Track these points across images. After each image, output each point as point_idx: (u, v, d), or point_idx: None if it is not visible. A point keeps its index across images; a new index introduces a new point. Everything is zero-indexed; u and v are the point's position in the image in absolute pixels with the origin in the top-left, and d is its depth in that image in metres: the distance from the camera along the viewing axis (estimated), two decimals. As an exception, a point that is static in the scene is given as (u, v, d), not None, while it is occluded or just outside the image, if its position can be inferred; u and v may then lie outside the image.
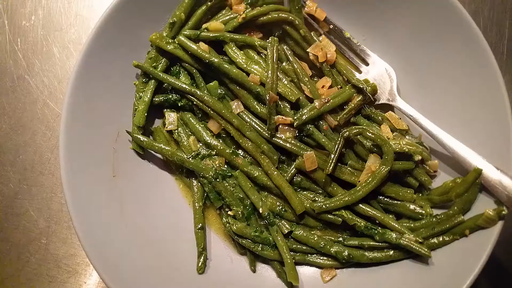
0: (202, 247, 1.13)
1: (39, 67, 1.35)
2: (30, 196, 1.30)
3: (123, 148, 1.15)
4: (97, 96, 1.10)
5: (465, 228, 1.02)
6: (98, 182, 1.08)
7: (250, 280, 1.13)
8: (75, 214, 1.01)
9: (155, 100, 1.15)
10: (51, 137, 1.31)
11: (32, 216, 1.29)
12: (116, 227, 1.08)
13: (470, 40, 1.07)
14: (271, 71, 1.09)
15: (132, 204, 1.12)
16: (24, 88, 1.34)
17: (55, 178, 1.30)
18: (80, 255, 1.27)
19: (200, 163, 1.13)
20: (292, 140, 1.11)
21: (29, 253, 1.27)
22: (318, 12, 1.18)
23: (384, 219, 1.08)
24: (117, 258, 1.04)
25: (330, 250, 1.10)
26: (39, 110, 1.33)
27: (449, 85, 1.13)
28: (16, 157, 1.31)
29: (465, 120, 1.09)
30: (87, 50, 1.07)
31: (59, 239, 1.27)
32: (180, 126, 1.17)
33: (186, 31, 1.13)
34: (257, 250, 1.11)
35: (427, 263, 1.06)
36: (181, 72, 1.17)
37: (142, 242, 1.10)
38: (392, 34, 1.19)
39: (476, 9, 1.33)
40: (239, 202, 1.13)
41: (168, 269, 1.09)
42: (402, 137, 1.13)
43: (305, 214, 1.14)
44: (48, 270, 1.26)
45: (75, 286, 1.25)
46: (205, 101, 1.12)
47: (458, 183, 1.05)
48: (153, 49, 1.15)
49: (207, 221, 1.18)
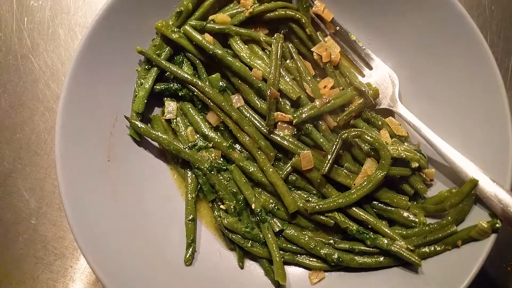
0: (192, 239, 1.12)
1: (43, 47, 1.35)
2: (23, 175, 1.29)
3: (120, 134, 1.14)
4: (98, 80, 1.10)
5: (457, 238, 1.01)
6: (92, 165, 1.07)
7: (237, 276, 1.12)
8: (65, 193, 1.00)
9: (156, 88, 1.15)
10: (50, 118, 1.31)
11: (24, 196, 1.28)
12: (107, 211, 1.07)
13: (476, 52, 1.07)
14: (274, 67, 1.09)
15: (124, 190, 1.11)
16: (27, 68, 1.34)
17: (50, 159, 1.29)
18: (69, 238, 1.26)
19: (196, 154, 1.12)
20: (290, 138, 1.11)
21: (17, 232, 1.26)
22: (325, 13, 1.18)
23: (377, 224, 1.07)
24: (105, 242, 1.03)
25: (320, 251, 1.09)
26: (40, 90, 1.33)
27: (451, 95, 1.12)
28: (12, 135, 1.31)
29: (465, 130, 1.09)
30: (92, 32, 1.06)
31: (49, 221, 1.26)
32: (179, 116, 1.17)
33: (192, 21, 1.13)
34: (247, 246, 1.10)
35: (417, 272, 1.05)
36: (184, 62, 1.16)
37: (131, 228, 1.09)
38: (398, 40, 1.18)
39: (484, 23, 1.34)
40: (232, 196, 1.12)
41: (155, 258, 1.08)
42: (401, 143, 1.12)
43: (298, 214, 1.13)
44: (35, 251, 1.25)
45: (60, 269, 1.24)
46: (206, 93, 1.12)
47: (453, 193, 1.04)
48: (158, 36, 1.15)
49: (198, 213, 1.17)
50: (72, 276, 1.24)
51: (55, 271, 1.24)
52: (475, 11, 1.33)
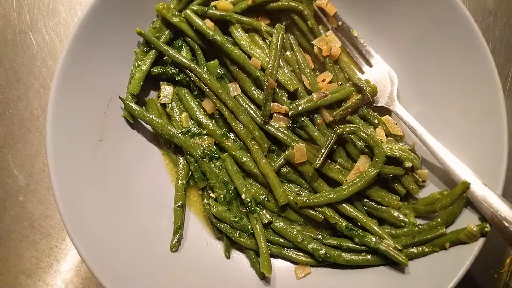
0: (179, 225, 1.11)
1: (42, 24, 1.33)
2: (14, 151, 1.28)
3: (114, 115, 1.13)
4: (95, 58, 1.09)
5: (445, 240, 1.01)
6: (83, 144, 1.06)
7: (222, 265, 1.11)
8: (54, 171, 0.99)
9: (153, 71, 1.14)
10: (44, 95, 1.30)
11: (13, 172, 1.27)
12: (95, 192, 1.06)
13: (477, 56, 1.07)
14: (273, 57, 1.08)
15: (115, 171, 1.10)
16: (25, 43, 1.32)
17: (42, 137, 1.28)
18: (56, 217, 1.25)
19: (189, 140, 1.11)
20: (285, 130, 1.10)
21: (4, 208, 1.25)
22: (328, 7, 1.17)
23: (366, 221, 1.06)
24: (91, 223, 1.02)
25: (307, 246, 1.08)
26: (37, 67, 1.31)
27: (450, 97, 1.12)
28: (6, 110, 1.29)
29: (461, 133, 1.08)
30: (92, 11, 1.05)
31: (37, 199, 1.25)
32: (174, 101, 1.16)
33: (194, 6, 1.12)
34: (234, 236, 1.09)
35: (403, 272, 1.04)
36: (183, 46, 1.15)
37: (119, 210, 1.08)
38: (400, 39, 1.18)
39: (487, 28, 1.33)
40: (223, 185, 1.11)
41: (142, 242, 1.07)
42: (396, 142, 1.11)
43: (288, 207, 1.12)
44: (21, 228, 1.24)
45: (45, 248, 1.23)
46: (203, 79, 1.11)
47: (444, 195, 1.04)
48: (158, 19, 1.13)
49: (188, 200, 1.16)
50: (56, 256, 1.23)
51: (40, 250, 1.23)
52: (479, 15, 1.33)
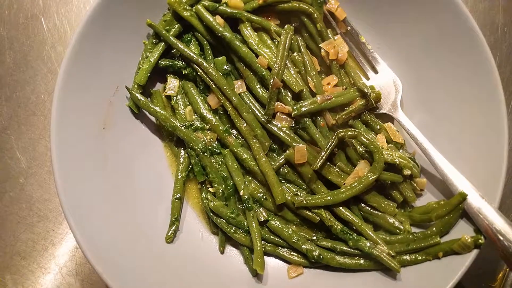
0: (176, 217, 1.12)
1: (55, 9, 1.34)
2: (18, 133, 1.29)
3: (119, 104, 1.14)
4: (104, 47, 1.10)
5: (439, 250, 1.01)
6: (87, 130, 1.07)
7: (216, 260, 1.12)
8: (56, 154, 1.00)
9: (160, 63, 1.15)
10: (52, 80, 1.31)
11: (16, 154, 1.28)
12: (96, 179, 1.06)
13: (484, 71, 1.07)
14: (280, 57, 1.09)
15: (116, 160, 1.11)
16: (36, 28, 1.34)
17: (47, 121, 1.29)
18: (54, 202, 1.26)
19: (191, 134, 1.12)
20: (287, 130, 1.11)
21: (4, 189, 1.26)
22: (338, 11, 1.18)
23: (362, 226, 1.07)
24: (89, 208, 1.02)
25: (301, 246, 1.08)
26: (46, 52, 1.33)
27: (453, 109, 1.12)
28: (12, 92, 1.31)
29: (462, 145, 1.09)
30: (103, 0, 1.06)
31: (37, 182, 1.26)
32: (179, 94, 1.17)
33: (206, 2, 1.13)
34: (230, 232, 1.10)
35: (395, 279, 1.05)
36: (192, 41, 1.16)
37: (118, 199, 1.08)
38: (407, 48, 1.18)
39: (495, 43, 1.33)
40: (222, 180, 1.12)
41: (138, 232, 1.08)
42: (396, 150, 1.12)
43: (285, 207, 1.13)
44: (19, 210, 1.25)
45: (42, 231, 1.24)
46: (210, 74, 1.12)
47: (441, 205, 1.04)
48: (169, 12, 1.14)
49: (186, 194, 1.17)
50: (52, 240, 1.24)
51: (37, 232, 1.24)
52: (488, 30, 1.33)
